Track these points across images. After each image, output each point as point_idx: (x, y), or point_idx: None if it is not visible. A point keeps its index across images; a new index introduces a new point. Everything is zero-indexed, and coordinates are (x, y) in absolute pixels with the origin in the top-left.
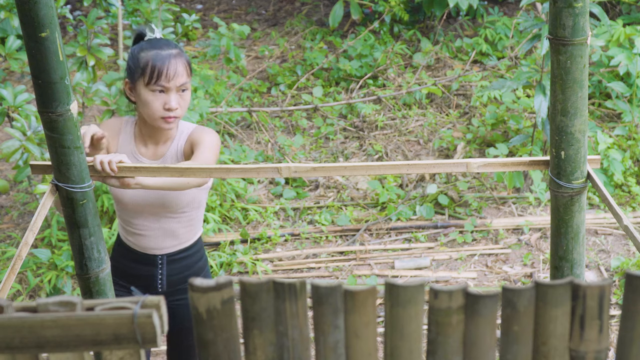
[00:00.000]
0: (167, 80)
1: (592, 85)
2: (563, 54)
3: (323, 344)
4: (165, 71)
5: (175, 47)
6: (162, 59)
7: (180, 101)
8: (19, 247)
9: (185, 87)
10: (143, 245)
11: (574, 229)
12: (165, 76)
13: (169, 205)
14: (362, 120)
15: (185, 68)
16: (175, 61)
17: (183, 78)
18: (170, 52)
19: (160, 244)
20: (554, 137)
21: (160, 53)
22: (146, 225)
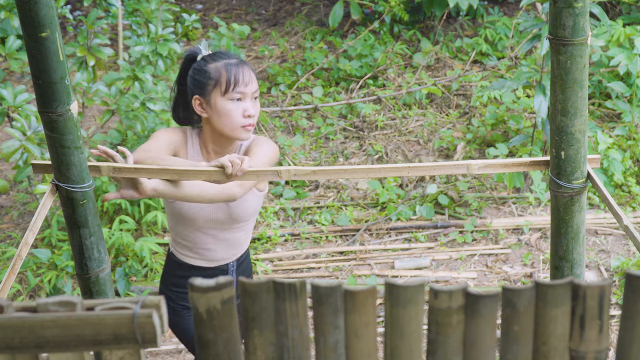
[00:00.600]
0: (244, 86)
1: (592, 85)
2: (563, 54)
3: (323, 344)
4: (241, 78)
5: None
6: (235, 67)
7: (254, 109)
8: (19, 247)
9: (257, 94)
10: (210, 258)
11: (574, 229)
12: (242, 82)
13: (238, 219)
14: (362, 120)
15: (255, 75)
16: (246, 68)
17: (255, 84)
18: (238, 60)
19: (227, 255)
20: (554, 137)
21: (230, 62)
22: (213, 241)
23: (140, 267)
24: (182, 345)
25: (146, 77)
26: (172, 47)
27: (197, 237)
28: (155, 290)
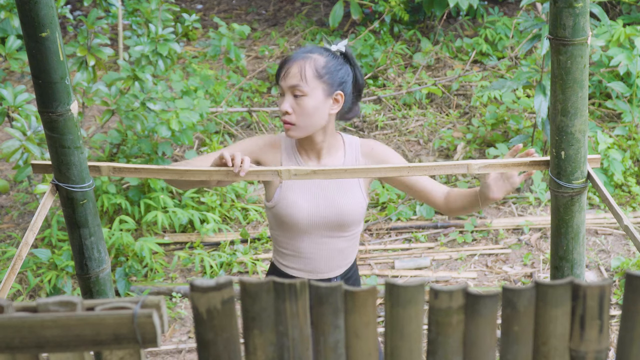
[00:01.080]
0: (282, 80)
1: (592, 85)
2: (563, 54)
3: (323, 344)
4: (281, 71)
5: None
6: (286, 60)
7: (295, 107)
8: (19, 247)
9: (299, 90)
10: (311, 269)
11: (574, 229)
12: (281, 75)
13: (345, 223)
14: (362, 120)
15: (301, 71)
16: (295, 63)
17: (294, 80)
18: (300, 54)
19: (330, 265)
20: (554, 137)
21: (290, 56)
22: (316, 246)
23: (140, 267)
24: (182, 345)
25: (146, 77)
26: (172, 47)
27: (299, 242)
28: (155, 290)
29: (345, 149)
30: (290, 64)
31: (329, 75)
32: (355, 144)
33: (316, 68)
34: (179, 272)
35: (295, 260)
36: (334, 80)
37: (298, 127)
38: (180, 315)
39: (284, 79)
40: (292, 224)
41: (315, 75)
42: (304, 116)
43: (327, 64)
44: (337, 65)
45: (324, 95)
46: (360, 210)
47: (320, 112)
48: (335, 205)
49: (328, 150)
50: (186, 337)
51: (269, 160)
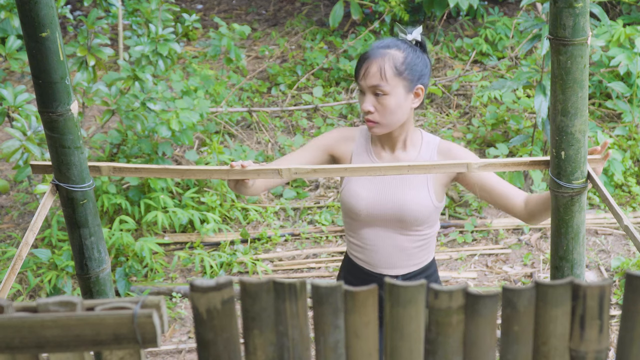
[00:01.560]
0: (362, 79)
1: (592, 85)
2: (563, 54)
3: (323, 344)
4: (358, 71)
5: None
6: (364, 58)
7: (377, 106)
8: (19, 247)
9: (380, 90)
10: (371, 261)
11: (574, 229)
12: (357, 76)
13: (405, 220)
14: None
15: (381, 70)
16: (374, 61)
17: (374, 80)
18: (378, 51)
19: (389, 261)
20: (554, 137)
21: (367, 52)
22: (375, 238)
23: (140, 267)
24: (182, 345)
25: (146, 77)
26: (172, 47)
27: (361, 232)
28: (155, 290)
29: (422, 146)
30: (369, 63)
31: (409, 71)
32: (433, 142)
33: (395, 65)
34: (179, 272)
35: (360, 250)
36: (414, 75)
37: (381, 124)
38: (180, 315)
39: (364, 79)
40: (353, 213)
41: (395, 73)
42: (387, 114)
43: (405, 59)
44: (415, 58)
45: (405, 92)
46: (424, 210)
47: (403, 108)
48: (396, 199)
49: (404, 144)
50: (186, 337)
51: (341, 152)
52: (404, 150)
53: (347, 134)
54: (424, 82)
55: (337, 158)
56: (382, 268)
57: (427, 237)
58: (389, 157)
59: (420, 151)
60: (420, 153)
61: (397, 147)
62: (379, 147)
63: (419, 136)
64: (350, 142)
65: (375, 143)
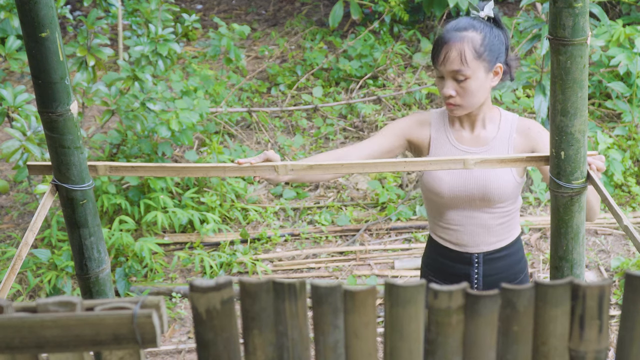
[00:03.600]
0: (438, 65)
1: (592, 85)
2: (563, 54)
3: (323, 344)
4: (437, 56)
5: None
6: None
7: (458, 89)
8: (19, 247)
9: (462, 75)
10: (457, 241)
11: (574, 229)
12: (436, 61)
13: (489, 199)
14: (362, 121)
15: (461, 55)
16: (453, 46)
17: (454, 65)
18: (455, 34)
19: (475, 240)
20: (554, 137)
21: (443, 36)
22: (460, 219)
23: (140, 267)
24: (182, 345)
25: (146, 77)
26: (172, 47)
27: (445, 214)
28: (154, 290)
29: (501, 123)
30: (448, 47)
31: (488, 52)
32: (512, 120)
33: (475, 48)
34: (179, 273)
35: (445, 231)
36: (493, 56)
37: (463, 107)
38: (180, 315)
39: (444, 64)
40: (435, 196)
41: (475, 56)
42: (469, 97)
43: (484, 41)
44: (492, 38)
45: (486, 72)
46: (508, 186)
47: (484, 89)
48: (480, 178)
49: (483, 122)
50: (186, 337)
51: (419, 137)
52: (484, 127)
53: (423, 118)
54: (502, 59)
55: (414, 143)
56: (468, 247)
57: (510, 213)
58: (469, 137)
59: (500, 127)
60: (500, 129)
61: (476, 125)
62: (458, 128)
63: (497, 113)
64: (426, 126)
65: (454, 124)
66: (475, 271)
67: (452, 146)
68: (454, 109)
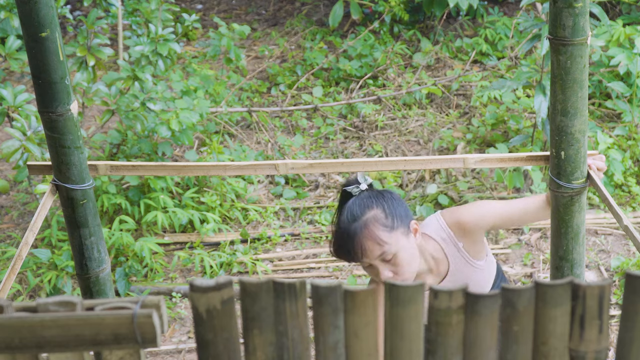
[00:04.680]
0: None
1: (592, 85)
2: (563, 54)
3: (323, 344)
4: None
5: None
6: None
7: (393, 268)
8: (19, 247)
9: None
10: None
11: (574, 229)
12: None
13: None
14: (362, 120)
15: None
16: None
17: (375, 251)
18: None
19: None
20: (554, 137)
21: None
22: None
23: (140, 267)
24: (182, 345)
25: (146, 77)
26: (172, 47)
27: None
28: (154, 290)
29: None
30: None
31: (396, 217)
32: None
33: (383, 224)
34: (179, 272)
35: None
36: (402, 219)
37: (408, 278)
38: (180, 315)
39: (366, 256)
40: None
41: (388, 229)
42: (407, 267)
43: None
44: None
45: (405, 236)
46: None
47: (414, 252)
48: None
49: (434, 261)
50: (186, 337)
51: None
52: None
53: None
54: (410, 216)
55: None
56: None
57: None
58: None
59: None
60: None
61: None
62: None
63: (433, 243)
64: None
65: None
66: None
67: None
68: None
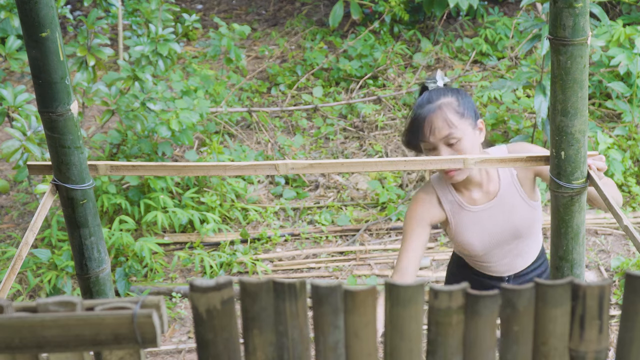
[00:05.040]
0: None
1: (592, 85)
2: (563, 54)
3: (323, 344)
4: (422, 132)
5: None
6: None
7: (454, 154)
8: (19, 247)
9: (453, 137)
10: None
11: (574, 229)
12: (423, 137)
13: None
14: (362, 120)
15: (446, 120)
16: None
17: (444, 131)
18: (430, 107)
19: (509, 268)
20: (554, 137)
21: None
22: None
23: (140, 267)
24: (182, 345)
25: (146, 77)
26: (172, 47)
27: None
28: (154, 290)
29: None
30: (429, 120)
31: (467, 109)
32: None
33: (455, 110)
34: (179, 272)
35: (479, 265)
36: (472, 112)
37: (462, 170)
38: (180, 315)
39: (432, 135)
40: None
41: (459, 116)
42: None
43: (459, 101)
44: (462, 98)
45: (472, 129)
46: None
47: (475, 146)
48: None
49: (486, 175)
50: (186, 337)
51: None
52: (489, 179)
53: (430, 198)
54: (479, 115)
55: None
56: (502, 273)
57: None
58: (479, 195)
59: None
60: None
61: (481, 181)
62: (465, 193)
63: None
64: (437, 204)
65: (460, 191)
66: (506, 283)
67: (468, 212)
68: (454, 175)
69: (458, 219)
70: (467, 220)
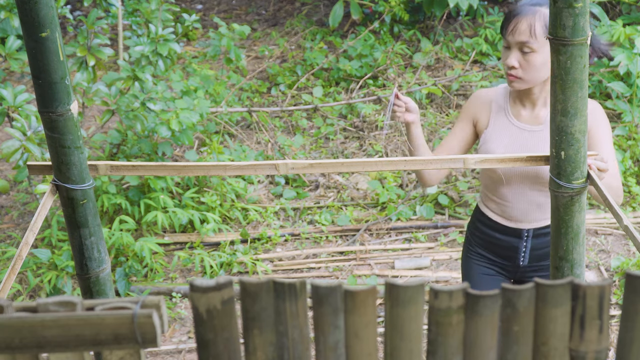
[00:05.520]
0: (507, 34)
1: (592, 85)
2: (563, 54)
3: (323, 344)
4: (507, 26)
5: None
6: (514, 14)
7: (522, 62)
8: (19, 247)
9: (528, 47)
10: (508, 216)
11: (574, 229)
12: (505, 31)
13: (543, 177)
14: (362, 120)
15: (531, 27)
16: (524, 18)
17: (523, 36)
18: (528, 8)
19: (526, 216)
20: (554, 137)
21: (517, 8)
22: (513, 195)
23: (140, 267)
24: (182, 345)
25: (146, 77)
26: (172, 47)
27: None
28: (155, 290)
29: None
30: (519, 19)
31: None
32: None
33: (546, 24)
34: (179, 272)
35: (497, 206)
36: None
37: (523, 80)
38: (180, 315)
39: (512, 34)
40: (490, 171)
41: (545, 31)
42: (531, 71)
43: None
44: None
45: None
46: None
47: (547, 66)
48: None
49: (544, 101)
50: (186, 337)
51: (482, 115)
52: (545, 106)
53: (485, 96)
54: None
55: (479, 123)
56: (519, 222)
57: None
58: (528, 115)
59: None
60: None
61: (537, 104)
62: (518, 106)
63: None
64: (488, 105)
65: (515, 101)
66: (523, 244)
67: (508, 122)
68: (514, 80)
69: (497, 123)
70: (502, 129)
